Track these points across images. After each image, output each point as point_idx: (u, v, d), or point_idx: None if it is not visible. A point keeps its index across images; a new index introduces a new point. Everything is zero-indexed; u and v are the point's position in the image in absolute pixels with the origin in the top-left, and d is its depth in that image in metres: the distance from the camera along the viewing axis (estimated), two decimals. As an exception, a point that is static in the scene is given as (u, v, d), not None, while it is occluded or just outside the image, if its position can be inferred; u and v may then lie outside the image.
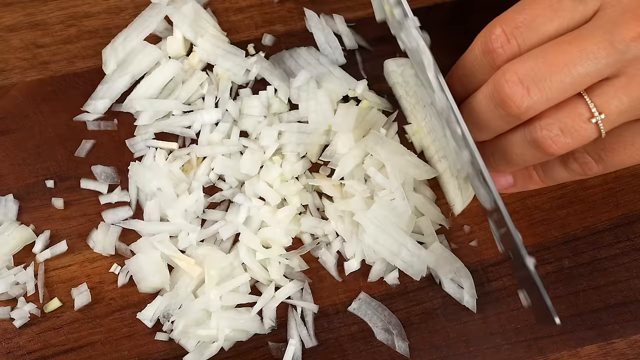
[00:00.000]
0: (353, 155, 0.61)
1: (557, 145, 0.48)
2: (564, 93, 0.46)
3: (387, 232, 0.60)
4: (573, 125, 0.47)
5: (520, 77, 0.46)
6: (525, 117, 0.48)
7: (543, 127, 0.48)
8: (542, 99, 0.46)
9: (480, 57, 0.51)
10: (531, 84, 0.46)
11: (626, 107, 0.47)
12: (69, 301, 0.60)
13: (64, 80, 0.66)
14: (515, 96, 0.46)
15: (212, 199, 0.62)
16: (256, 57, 0.66)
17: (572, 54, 0.45)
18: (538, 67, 0.46)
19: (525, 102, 0.46)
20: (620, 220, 0.64)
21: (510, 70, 0.47)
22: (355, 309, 0.60)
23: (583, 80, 0.46)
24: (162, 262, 0.60)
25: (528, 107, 0.47)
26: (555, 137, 0.48)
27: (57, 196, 0.62)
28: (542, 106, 0.47)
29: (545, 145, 0.48)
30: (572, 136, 0.48)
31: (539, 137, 0.48)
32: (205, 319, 0.59)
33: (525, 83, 0.46)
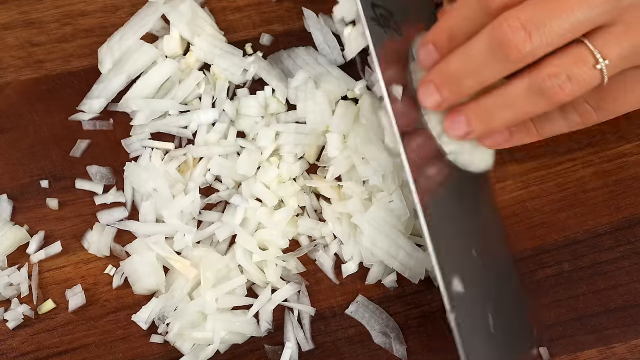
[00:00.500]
0: (345, 156, 0.62)
1: (564, 93, 0.49)
2: (563, 38, 0.48)
3: (384, 234, 0.60)
4: (579, 72, 0.49)
5: (523, 23, 0.47)
6: (525, 61, 0.49)
7: (551, 75, 0.49)
8: (542, 43, 0.47)
9: (473, 4, 0.51)
10: (533, 28, 0.47)
11: (627, 52, 0.49)
12: (63, 302, 0.60)
13: (59, 79, 0.66)
14: (518, 40, 0.47)
15: (209, 200, 0.62)
16: (254, 57, 0.66)
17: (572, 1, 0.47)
18: (539, 13, 0.47)
19: (527, 46, 0.47)
20: (621, 224, 0.64)
21: (512, 16, 0.48)
22: (352, 312, 0.60)
23: (581, 26, 0.47)
24: (158, 264, 0.60)
25: (529, 52, 0.48)
26: (563, 84, 0.49)
27: (51, 196, 0.62)
28: (541, 51, 0.48)
29: (552, 93, 0.49)
30: (579, 83, 0.49)
31: (547, 86, 0.49)
32: (200, 321, 0.59)
33: (528, 28, 0.47)
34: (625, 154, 0.66)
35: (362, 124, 0.62)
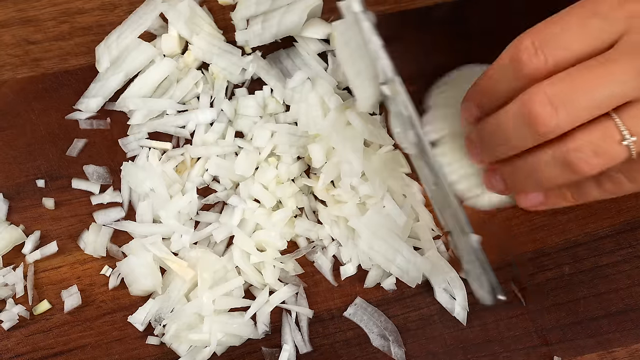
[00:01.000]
0: (334, 162, 0.62)
1: (589, 167, 0.50)
2: (590, 113, 0.48)
3: (382, 238, 0.60)
4: (605, 147, 0.49)
5: (550, 98, 0.48)
6: (551, 135, 0.50)
7: (576, 149, 0.50)
8: (568, 118, 0.48)
9: (506, 65, 0.52)
10: (560, 104, 0.48)
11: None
12: (58, 303, 0.60)
13: (56, 77, 0.66)
14: (545, 115, 0.48)
15: (206, 200, 0.63)
16: (252, 56, 0.67)
17: (599, 77, 0.47)
18: (567, 89, 0.48)
19: (554, 121, 0.48)
20: (622, 227, 0.64)
21: (540, 92, 0.49)
22: (350, 315, 0.61)
23: (609, 102, 0.48)
24: (154, 265, 0.60)
25: (555, 126, 0.49)
26: (588, 158, 0.49)
27: (47, 196, 0.63)
28: (568, 126, 0.49)
29: (578, 167, 0.50)
30: (604, 157, 0.49)
31: (572, 159, 0.50)
32: (197, 323, 0.59)
33: (555, 103, 0.48)
34: (627, 157, 0.66)
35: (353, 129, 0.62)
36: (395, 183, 0.62)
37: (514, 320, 0.61)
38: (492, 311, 0.61)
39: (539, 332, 0.61)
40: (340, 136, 0.61)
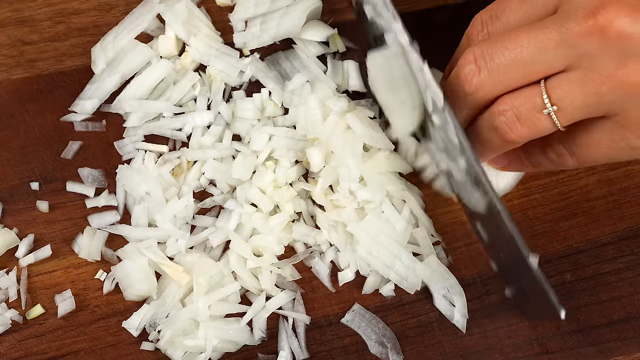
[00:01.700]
0: (333, 166, 0.62)
1: (513, 133, 0.51)
2: (512, 78, 0.50)
3: (380, 243, 0.61)
4: (527, 114, 0.50)
5: (476, 57, 0.50)
6: (477, 96, 0.51)
7: (500, 112, 0.51)
8: (489, 79, 0.50)
9: (464, 45, 0.55)
10: (482, 63, 0.50)
11: (581, 102, 0.48)
12: (52, 308, 0.60)
13: (51, 79, 0.67)
14: (468, 74, 0.50)
15: (203, 204, 0.63)
16: (250, 58, 0.67)
17: (522, 40, 0.48)
18: (491, 49, 0.49)
19: (475, 79, 0.50)
20: (625, 234, 0.64)
21: (470, 51, 0.51)
22: (348, 321, 0.61)
23: (530, 69, 0.49)
24: (150, 269, 0.60)
25: (477, 86, 0.50)
26: (511, 124, 0.51)
27: (42, 199, 0.63)
28: (491, 87, 0.50)
29: (502, 131, 0.51)
30: (527, 125, 0.50)
31: (497, 123, 0.51)
32: (193, 329, 0.59)
33: (478, 62, 0.50)
34: (630, 162, 0.67)
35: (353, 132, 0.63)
36: (394, 188, 0.63)
37: (514, 327, 0.61)
38: (492, 318, 0.61)
39: (540, 340, 0.61)
40: (339, 140, 0.62)
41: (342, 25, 0.69)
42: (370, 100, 0.67)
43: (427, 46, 0.53)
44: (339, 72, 0.67)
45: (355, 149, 0.61)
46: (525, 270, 0.52)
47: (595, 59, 0.46)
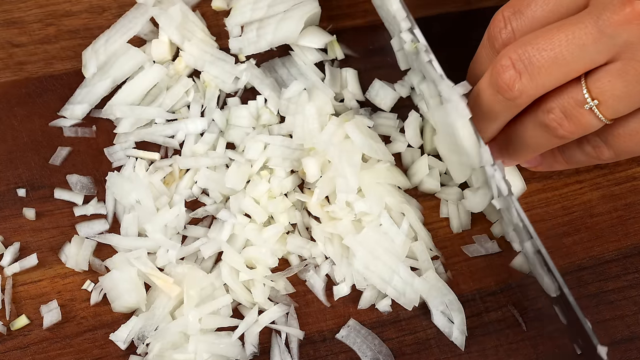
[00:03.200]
0: (330, 177, 0.63)
1: (563, 129, 0.53)
2: (554, 78, 0.51)
3: (378, 257, 0.61)
4: (572, 110, 0.52)
5: (513, 62, 0.51)
6: (520, 101, 0.53)
7: (547, 110, 0.53)
8: (532, 83, 0.51)
9: (486, 44, 0.57)
10: (522, 68, 0.51)
11: (621, 92, 0.50)
12: (37, 319, 0.60)
13: (41, 82, 0.67)
14: (509, 80, 0.52)
15: (195, 214, 0.63)
16: (246, 64, 0.68)
17: (559, 38, 0.50)
18: (528, 52, 0.51)
19: (517, 85, 0.52)
20: (629, 251, 0.65)
21: (505, 56, 0.52)
22: (343, 337, 0.61)
23: (571, 67, 0.50)
24: (139, 280, 0.60)
25: (520, 91, 0.52)
26: (560, 120, 0.53)
27: (28, 206, 0.63)
28: (534, 90, 0.52)
29: (553, 128, 0.54)
30: (573, 121, 0.53)
31: (546, 120, 0.53)
32: (182, 343, 0.59)
33: (517, 67, 0.51)
34: (635, 177, 0.68)
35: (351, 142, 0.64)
36: (393, 200, 0.64)
37: (514, 346, 0.62)
38: (492, 336, 0.62)
39: (540, 359, 0.62)
40: (337, 150, 0.62)
41: (340, 32, 0.70)
42: (369, 109, 0.68)
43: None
44: (337, 80, 0.68)
45: (353, 159, 0.62)
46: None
47: (636, 47, 0.48)
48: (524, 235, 0.56)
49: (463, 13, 0.56)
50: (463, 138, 0.55)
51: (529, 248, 0.56)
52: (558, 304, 0.58)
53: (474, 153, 0.56)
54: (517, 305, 0.63)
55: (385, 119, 0.68)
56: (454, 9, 0.72)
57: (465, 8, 0.72)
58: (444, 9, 0.72)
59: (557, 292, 0.56)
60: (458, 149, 0.58)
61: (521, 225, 0.55)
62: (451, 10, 0.72)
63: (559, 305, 0.58)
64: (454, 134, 0.56)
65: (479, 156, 0.55)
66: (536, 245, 0.54)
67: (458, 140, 0.56)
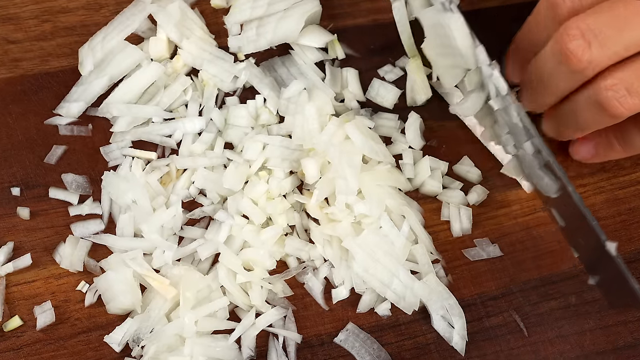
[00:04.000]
0: (329, 178, 0.63)
1: (623, 107, 0.52)
2: (626, 49, 0.50)
3: (378, 260, 0.62)
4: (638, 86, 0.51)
5: (583, 31, 0.50)
6: (588, 72, 0.52)
7: (608, 87, 0.52)
8: (603, 53, 0.50)
9: (544, 12, 0.55)
10: (592, 37, 0.50)
11: None
12: (30, 320, 0.60)
13: (36, 79, 0.67)
14: (577, 50, 0.51)
15: (192, 215, 0.64)
16: (245, 63, 0.68)
17: (634, 8, 0.49)
18: (601, 21, 0.50)
19: (586, 55, 0.50)
20: (633, 256, 0.66)
21: (572, 25, 0.51)
22: (341, 341, 0.61)
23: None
24: (134, 282, 0.60)
25: (589, 61, 0.51)
26: (622, 98, 0.52)
27: (22, 205, 0.63)
28: (604, 61, 0.51)
29: (611, 107, 0.52)
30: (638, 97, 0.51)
31: (604, 98, 0.52)
32: (178, 345, 0.59)
33: (587, 37, 0.50)
34: (639, 181, 0.68)
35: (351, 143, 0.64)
36: (393, 202, 0.64)
37: (515, 351, 0.62)
38: (492, 342, 0.62)
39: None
40: (337, 150, 0.63)
41: (341, 31, 0.71)
42: (369, 110, 0.68)
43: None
44: (338, 80, 0.68)
45: (353, 160, 0.62)
46: (604, 255, 0.53)
47: None
48: (523, 136, 0.55)
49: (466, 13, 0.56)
50: (457, 39, 0.54)
51: (528, 148, 0.55)
52: (557, 206, 0.58)
53: (469, 54, 0.54)
54: (519, 310, 0.63)
55: (386, 119, 0.68)
56: (457, 9, 0.73)
57: (468, 8, 0.72)
58: (446, 8, 0.73)
59: (558, 192, 0.55)
60: (451, 52, 0.57)
61: (520, 125, 0.54)
62: (454, 9, 0.73)
63: (558, 208, 0.58)
64: (447, 36, 0.56)
65: (475, 56, 0.54)
66: (536, 145, 0.54)
67: (451, 42, 0.55)
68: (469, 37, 0.54)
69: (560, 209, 0.58)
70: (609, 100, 0.52)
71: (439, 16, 0.55)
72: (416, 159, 0.67)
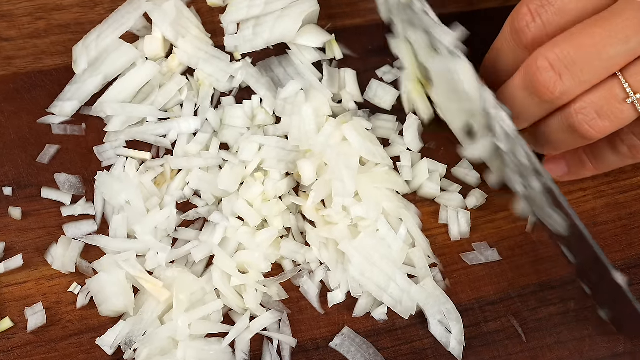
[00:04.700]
0: (326, 180, 0.63)
1: (595, 130, 0.53)
2: (597, 76, 0.51)
3: (374, 264, 0.62)
4: (609, 108, 0.52)
5: (552, 62, 0.51)
6: (560, 102, 0.53)
7: (578, 111, 0.53)
8: (574, 83, 0.51)
9: (509, 38, 0.56)
10: (563, 69, 0.51)
11: None
12: (21, 322, 0.60)
13: (29, 78, 0.68)
14: (549, 82, 0.52)
15: (186, 216, 0.64)
16: (242, 63, 0.68)
17: (601, 35, 0.50)
18: (567, 51, 0.51)
19: (559, 87, 0.51)
20: (634, 261, 0.66)
21: (541, 57, 0.52)
22: (337, 345, 0.61)
23: (615, 62, 0.51)
24: (127, 284, 0.60)
25: (562, 93, 0.52)
26: (592, 122, 0.53)
27: (14, 205, 0.63)
28: (576, 91, 0.52)
29: (583, 130, 0.53)
30: (609, 119, 0.53)
31: (576, 122, 0.53)
32: (171, 348, 0.59)
33: (557, 68, 0.51)
34: (640, 186, 0.68)
35: (349, 145, 0.64)
36: (390, 205, 0.64)
37: (514, 357, 0.62)
38: (490, 347, 0.62)
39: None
40: (334, 152, 0.63)
41: (340, 32, 0.71)
42: (367, 111, 0.68)
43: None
44: (336, 81, 0.69)
45: (350, 162, 0.62)
46: (615, 289, 0.54)
47: None
48: (531, 175, 0.55)
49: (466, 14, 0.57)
50: (465, 83, 0.54)
51: (537, 186, 0.55)
52: (568, 243, 0.58)
53: (476, 97, 0.55)
54: (517, 315, 0.63)
55: (384, 121, 0.68)
56: (456, 10, 0.73)
57: (468, 9, 0.72)
58: (446, 9, 0.73)
59: (568, 230, 0.56)
60: (458, 96, 0.57)
61: (528, 164, 0.55)
62: (454, 10, 0.73)
63: (569, 245, 0.58)
64: (454, 80, 0.56)
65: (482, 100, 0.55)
66: (546, 182, 0.54)
67: (458, 86, 0.56)
68: (476, 81, 0.55)
69: (570, 246, 0.59)
70: (580, 124, 0.53)
71: (447, 62, 0.56)
72: (414, 161, 0.67)
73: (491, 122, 0.55)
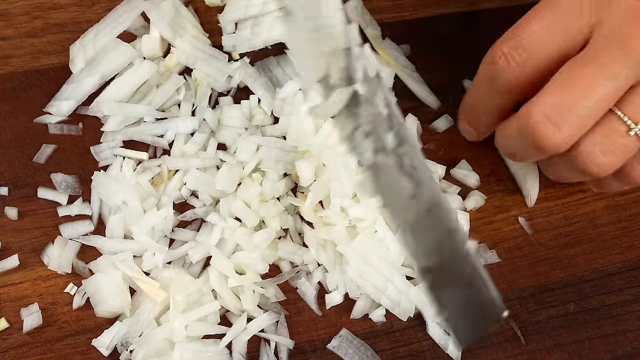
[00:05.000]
0: (324, 180, 0.63)
1: (602, 168, 0.54)
2: (593, 117, 0.51)
3: (372, 265, 0.62)
4: (612, 144, 0.53)
5: (547, 115, 0.51)
6: (562, 149, 0.53)
7: (582, 153, 0.53)
8: (573, 129, 0.51)
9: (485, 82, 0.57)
10: (559, 118, 0.51)
11: None
12: (17, 322, 0.60)
13: (26, 77, 0.68)
14: (547, 134, 0.52)
15: (183, 217, 0.64)
16: (240, 63, 0.68)
17: (590, 76, 0.50)
18: (560, 100, 0.51)
19: (558, 137, 0.52)
20: (633, 264, 0.66)
21: (534, 110, 0.52)
22: (335, 347, 0.61)
23: (608, 99, 0.51)
24: (124, 284, 0.61)
25: (562, 141, 0.52)
26: (598, 160, 0.53)
27: (10, 205, 0.63)
28: (576, 135, 0.52)
29: (590, 170, 0.54)
30: (614, 154, 0.53)
31: (582, 164, 0.54)
32: (167, 350, 0.60)
33: (554, 119, 0.51)
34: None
35: None
36: None
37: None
38: (489, 350, 0.62)
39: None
40: (332, 152, 0.63)
41: (338, 31, 0.71)
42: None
43: (428, 54, 0.54)
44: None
45: (349, 162, 0.62)
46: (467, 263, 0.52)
47: None
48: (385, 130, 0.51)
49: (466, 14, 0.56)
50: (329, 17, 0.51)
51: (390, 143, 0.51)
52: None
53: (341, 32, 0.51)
54: (516, 318, 0.63)
55: (383, 122, 0.68)
56: (456, 10, 0.73)
57: (468, 9, 0.72)
58: (446, 9, 0.73)
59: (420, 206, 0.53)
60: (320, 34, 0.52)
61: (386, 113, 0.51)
62: (454, 10, 0.73)
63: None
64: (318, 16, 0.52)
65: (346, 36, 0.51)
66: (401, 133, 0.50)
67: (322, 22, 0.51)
68: (341, 12, 0.51)
69: None
70: (587, 165, 0.54)
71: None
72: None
73: (352, 62, 0.52)
